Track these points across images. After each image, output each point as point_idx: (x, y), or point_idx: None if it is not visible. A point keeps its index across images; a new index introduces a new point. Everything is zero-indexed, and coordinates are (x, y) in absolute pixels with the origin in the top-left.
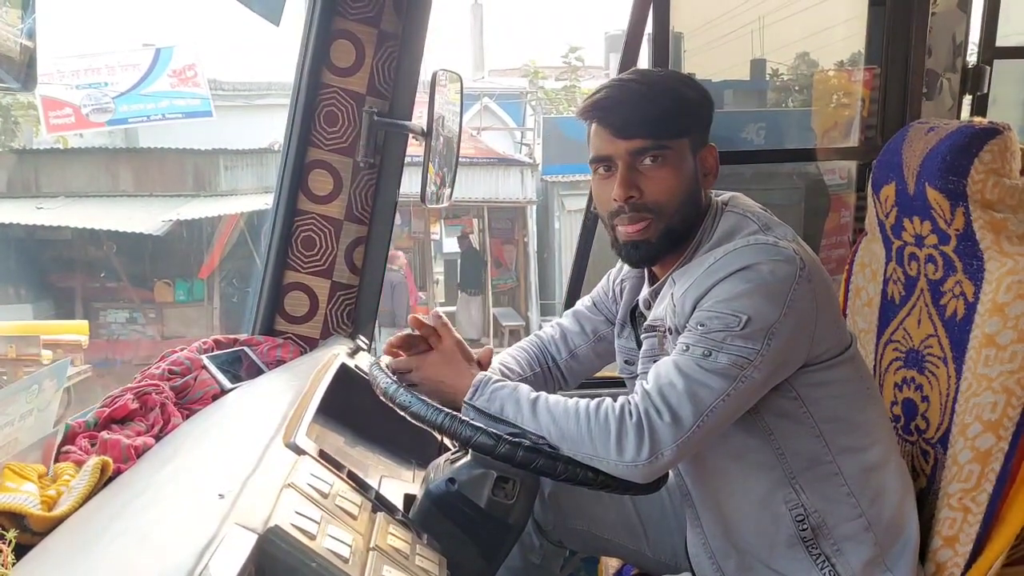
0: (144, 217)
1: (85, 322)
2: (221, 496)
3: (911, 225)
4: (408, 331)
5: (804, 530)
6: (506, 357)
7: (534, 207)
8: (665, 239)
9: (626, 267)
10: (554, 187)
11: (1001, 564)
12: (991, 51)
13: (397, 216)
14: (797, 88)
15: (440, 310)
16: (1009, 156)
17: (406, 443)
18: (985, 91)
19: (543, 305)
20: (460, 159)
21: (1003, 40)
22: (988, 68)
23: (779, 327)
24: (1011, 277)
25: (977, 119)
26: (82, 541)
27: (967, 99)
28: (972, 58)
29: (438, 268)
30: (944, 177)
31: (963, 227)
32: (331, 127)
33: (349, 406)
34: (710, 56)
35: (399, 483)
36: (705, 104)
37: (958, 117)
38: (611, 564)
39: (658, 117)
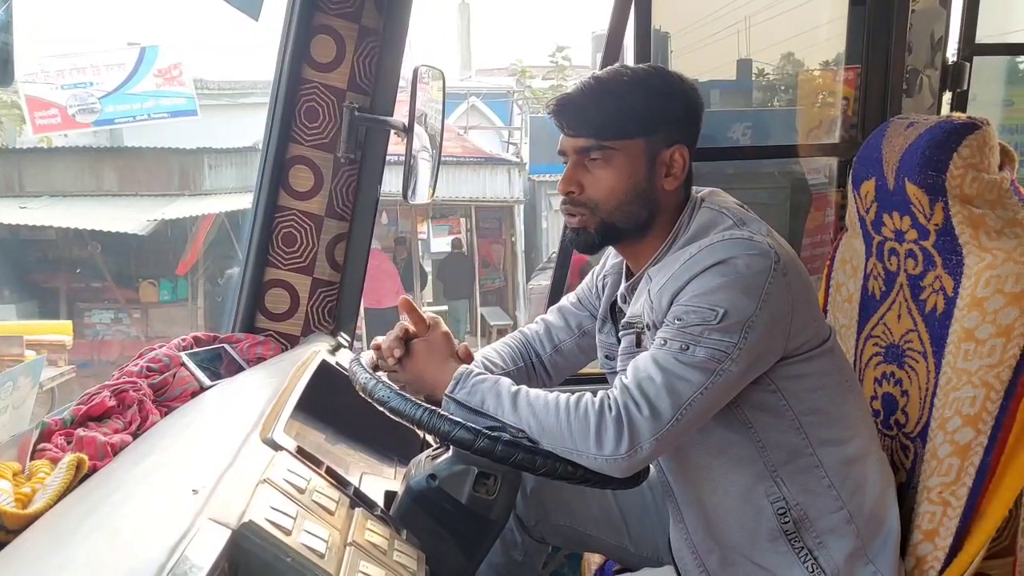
0: (129, 217)
1: (69, 322)
2: (195, 492)
3: (891, 220)
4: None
5: (786, 523)
6: (489, 352)
7: (521, 206)
8: (603, 233)
9: (609, 263)
10: (541, 186)
11: (981, 558)
12: (971, 47)
13: (383, 216)
14: (783, 88)
15: (427, 310)
16: (988, 151)
17: (388, 440)
18: (965, 87)
19: None
20: (447, 158)
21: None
22: (968, 64)
23: (755, 320)
24: (989, 272)
25: (956, 114)
26: (55, 538)
27: (947, 96)
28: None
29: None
30: (923, 172)
31: (942, 222)
32: (312, 123)
33: (330, 403)
34: (697, 56)
35: (380, 480)
36: (672, 104)
37: (938, 114)
38: (594, 560)
39: (601, 119)
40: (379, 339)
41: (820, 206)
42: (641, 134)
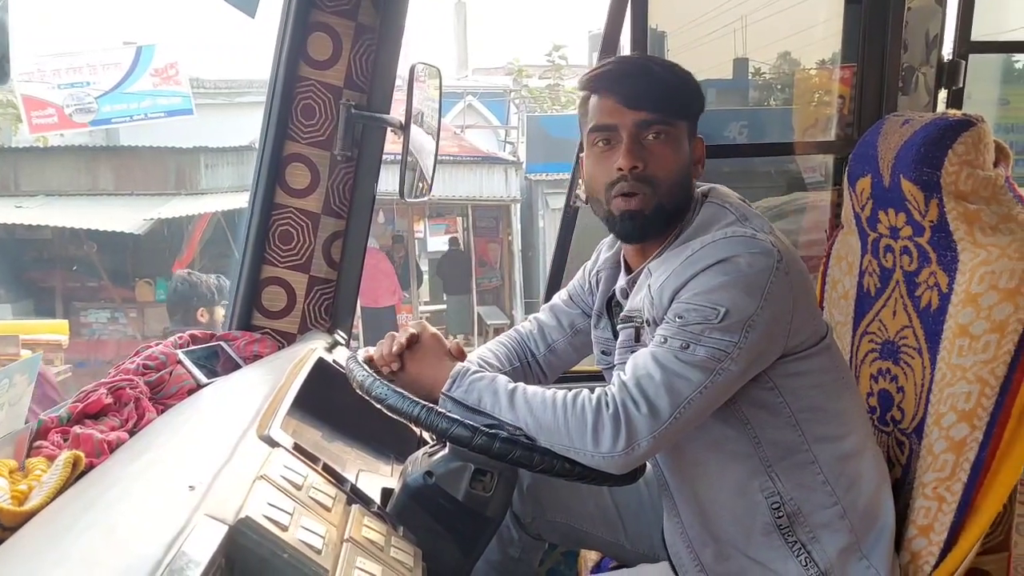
0: (125, 216)
1: (65, 322)
2: (192, 488)
3: (886, 217)
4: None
5: (780, 518)
6: (485, 351)
7: (518, 205)
8: (658, 214)
9: (602, 258)
10: (538, 185)
11: (975, 553)
12: (966, 45)
13: (380, 215)
14: (779, 87)
15: (424, 309)
16: (982, 148)
17: (385, 437)
18: (960, 85)
19: (527, 303)
20: (444, 157)
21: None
22: (963, 62)
23: (757, 319)
24: (984, 268)
25: (951, 111)
26: (51, 535)
27: (943, 94)
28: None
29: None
30: (918, 169)
31: (937, 218)
32: (308, 120)
33: (327, 401)
34: (694, 55)
35: (377, 477)
36: (700, 95)
37: (934, 111)
38: (590, 557)
39: (666, 93)
40: (371, 351)
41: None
42: (688, 117)
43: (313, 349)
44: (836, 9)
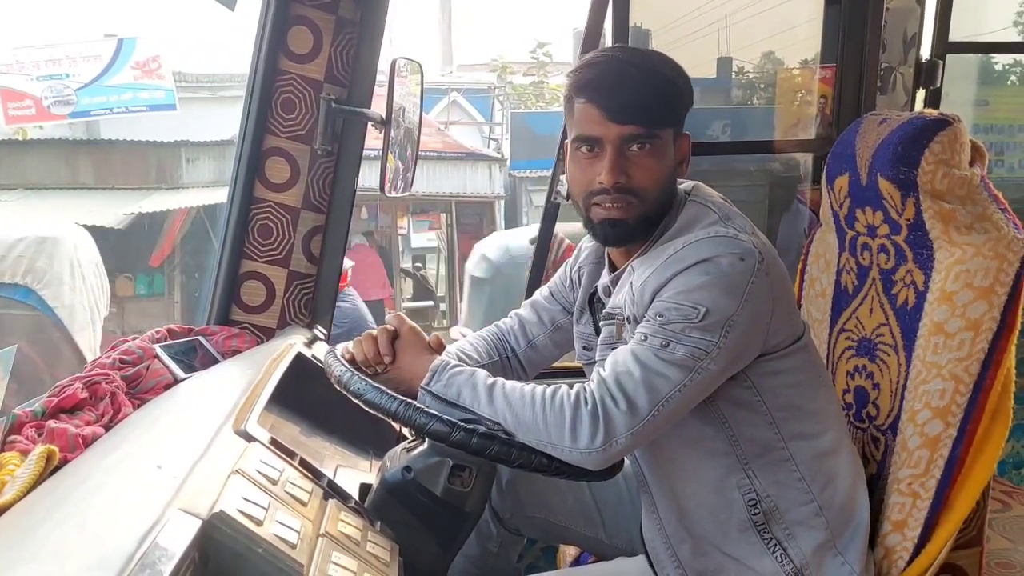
0: (105, 210)
1: None
2: (159, 467)
3: (863, 215)
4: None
5: (756, 515)
6: (465, 345)
7: (502, 202)
8: (641, 223)
9: (584, 254)
10: (522, 182)
11: (949, 549)
12: (944, 45)
13: (363, 211)
14: (762, 86)
15: (407, 306)
16: (959, 147)
17: (364, 433)
18: (938, 85)
19: None
20: (428, 153)
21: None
22: (941, 62)
23: (736, 319)
24: (959, 266)
25: (928, 110)
26: (24, 529)
27: (921, 94)
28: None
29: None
30: (895, 167)
31: (914, 217)
32: (288, 114)
33: (306, 396)
34: (677, 54)
35: (355, 472)
36: (689, 92)
37: (912, 111)
38: (569, 552)
39: (653, 105)
40: (349, 348)
41: None
42: (675, 122)
43: (292, 344)
44: (818, 9)
